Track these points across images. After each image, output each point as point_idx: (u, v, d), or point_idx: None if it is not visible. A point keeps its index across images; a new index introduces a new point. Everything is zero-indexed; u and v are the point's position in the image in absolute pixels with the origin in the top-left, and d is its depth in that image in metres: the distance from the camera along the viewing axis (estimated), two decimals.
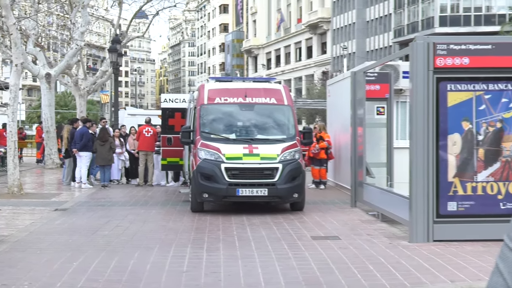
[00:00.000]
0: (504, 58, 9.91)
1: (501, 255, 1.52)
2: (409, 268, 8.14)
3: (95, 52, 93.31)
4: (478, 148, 9.92)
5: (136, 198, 16.40)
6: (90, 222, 12.28)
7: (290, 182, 13.18)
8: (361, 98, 14.53)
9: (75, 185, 18.76)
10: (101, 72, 31.72)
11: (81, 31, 26.76)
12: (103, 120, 21.55)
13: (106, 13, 44.26)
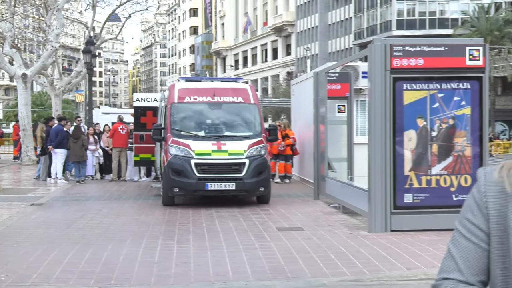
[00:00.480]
0: (456, 59, 9.99)
1: (453, 240, 1.53)
2: (368, 256, 8.19)
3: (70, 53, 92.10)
4: (432, 143, 10.01)
5: (110, 193, 16.26)
6: (65, 216, 12.14)
7: (256, 176, 13.19)
8: (323, 97, 14.60)
9: (51, 180, 18.54)
10: (75, 72, 31.38)
11: (56, 33, 26.43)
12: (78, 119, 21.31)
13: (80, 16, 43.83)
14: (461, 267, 1.49)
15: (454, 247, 1.52)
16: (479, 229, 1.48)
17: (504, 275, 1.43)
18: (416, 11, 54.99)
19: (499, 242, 1.44)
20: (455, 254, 1.51)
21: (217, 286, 6.78)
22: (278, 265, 7.77)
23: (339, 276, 7.19)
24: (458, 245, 1.51)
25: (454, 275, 1.50)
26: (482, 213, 1.48)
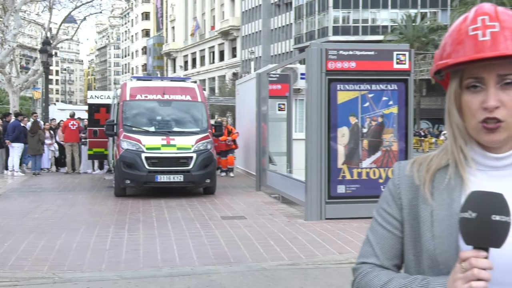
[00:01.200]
0: (385, 63, 10.15)
1: (371, 228, 1.55)
2: (305, 242, 8.26)
3: (27, 52, 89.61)
4: (363, 139, 10.14)
5: (65, 185, 15.93)
6: (21, 206, 11.83)
7: (203, 169, 13.15)
8: (265, 96, 14.67)
9: (8, 173, 18.15)
10: (33, 71, 30.56)
11: (14, 33, 25.67)
12: (34, 115, 20.83)
13: (37, 17, 42.70)
14: (378, 253, 1.50)
15: (372, 234, 1.54)
16: (394, 218, 1.50)
17: (416, 259, 1.45)
18: (351, 18, 55.80)
19: (411, 229, 1.46)
20: (372, 240, 1.52)
21: (164, 271, 6.72)
22: (221, 251, 7.76)
23: (278, 261, 7.23)
24: (375, 233, 1.53)
25: (371, 260, 1.51)
26: (396, 203, 1.50)
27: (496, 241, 1.23)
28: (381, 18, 55.42)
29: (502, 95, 1.33)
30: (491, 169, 1.41)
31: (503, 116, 1.33)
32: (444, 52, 1.40)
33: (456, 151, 1.43)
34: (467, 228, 1.25)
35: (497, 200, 1.23)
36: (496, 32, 1.32)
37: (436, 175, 1.45)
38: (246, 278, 6.44)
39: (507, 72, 1.33)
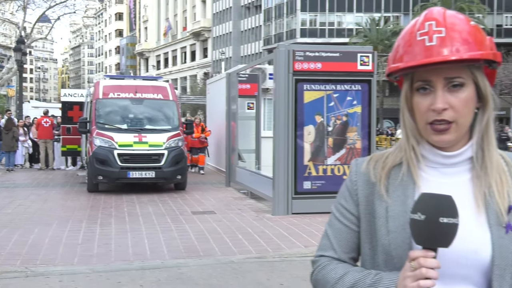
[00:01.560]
0: (349, 64, 10.22)
1: (329, 222, 1.56)
2: (272, 236, 8.28)
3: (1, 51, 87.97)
4: (328, 137, 10.21)
5: (38, 181, 15.67)
6: None
7: (174, 165, 13.09)
8: (235, 95, 14.65)
9: None
10: (7, 69, 30.08)
11: None
12: (8, 112, 20.49)
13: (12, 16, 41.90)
14: (335, 246, 1.52)
15: (330, 229, 1.55)
16: (351, 213, 1.51)
17: (371, 253, 1.47)
18: (318, 21, 56.06)
19: (367, 224, 1.47)
20: (330, 234, 1.54)
21: (135, 265, 6.67)
22: (191, 245, 7.73)
23: (246, 254, 7.23)
24: (333, 227, 1.54)
25: (329, 253, 1.52)
26: (353, 199, 1.51)
27: (444, 241, 1.25)
28: (347, 22, 55.81)
29: (450, 97, 1.35)
30: (443, 167, 1.42)
31: (451, 118, 1.34)
32: (397, 54, 1.41)
33: (409, 150, 1.44)
34: (416, 229, 1.26)
35: (445, 202, 1.25)
36: (443, 37, 1.33)
37: (391, 172, 1.46)
38: (215, 271, 6.43)
39: (454, 76, 1.34)
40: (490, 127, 1.41)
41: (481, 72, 1.38)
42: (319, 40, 52.90)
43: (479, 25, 1.40)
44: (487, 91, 1.40)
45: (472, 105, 1.38)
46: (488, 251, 1.34)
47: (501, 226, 1.36)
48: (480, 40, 1.36)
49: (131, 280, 6.02)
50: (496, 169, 1.40)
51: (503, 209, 1.37)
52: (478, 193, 1.38)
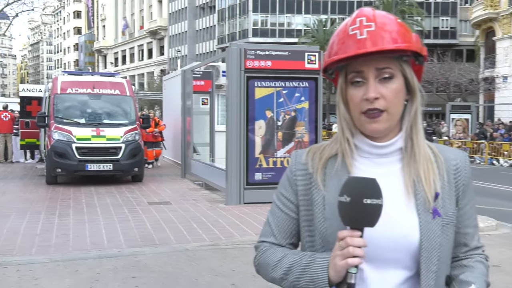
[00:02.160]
0: (297, 62, 10.29)
1: (271, 210, 1.58)
2: (225, 225, 8.28)
3: None
4: (278, 131, 10.27)
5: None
6: None
7: (131, 158, 12.92)
8: (190, 91, 14.57)
9: None
10: None
11: None
12: None
13: None
14: (275, 233, 1.54)
15: (271, 216, 1.56)
16: (290, 202, 1.53)
17: (310, 238, 1.49)
18: (268, 22, 56.19)
19: (305, 212, 1.49)
20: (271, 221, 1.55)
21: (93, 254, 6.55)
22: (148, 234, 7.66)
23: (200, 242, 7.21)
24: (274, 215, 1.56)
25: (270, 239, 1.54)
26: (292, 188, 1.52)
27: (369, 221, 1.27)
28: (296, 22, 56.16)
29: (381, 88, 1.37)
30: (375, 157, 1.45)
31: (383, 106, 1.37)
32: (332, 50, 1.43)
33: (343, 141, 1.46)
34: (343, 210, 1.29)
35: (369, 184, 1.27)
36: (372, 31, 1.36)
37: (328, 163, 1.48)
38: (170, 258, 6.39)
39: (384, 66, 1.37)
40: (418, 118, 1.44)
41: (409, 66, 1.42)
42: (270, 40, 53.02)
43: (408, 25, 1.44)
44: (415, 84, 1.43)
45: (401, 96, 1.41)
46: (417, 236, 1.38)
47: (428, 212, 1.40)
48: (407, 35, 1.39)
49: (88, 268, 5.92)
50: (423, 158, 1.44)
51: (430, 196, 1.41)
52: (407, 181, 1.42)
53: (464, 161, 1.50)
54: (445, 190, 1.44)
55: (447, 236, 1.43)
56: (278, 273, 1.46)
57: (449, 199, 1.44)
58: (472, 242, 1.51)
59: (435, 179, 1.43)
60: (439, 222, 1.40)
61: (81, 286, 5.33)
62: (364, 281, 1.39)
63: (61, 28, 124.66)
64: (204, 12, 66.88)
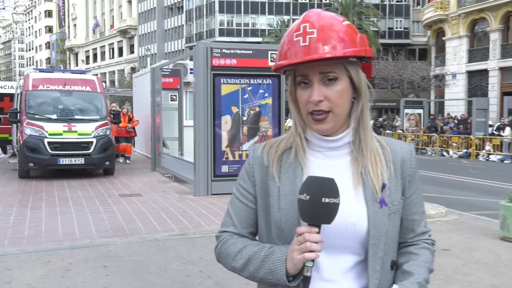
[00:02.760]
0: (261, 61, 10.29)
1: (231, 201, 1.58)
2: (193, 215, 8.24)
3: None
4: (243, 126, 10.27)
5: None
6: None
7: (102, 152, 12.72)
8: (159, 88, 14.44)
9: None
10: None
11: None
12: None
13: None
14: (235, 222, 1.54)
15: (231, 207, 1.57)
16: (249, 193, 1.53)
17: (267, 227, 1.49)
18: (234, 22, 55.98)
19: (262, 202, 1.50)
20: (231, 212, 1.56)
21: (65, 245, 6.43)
22: (119, 225, 7.56)
23: (169, 232, 7.16)
24: (233, 205, 1.56)
25: (230, 229, 1.55)
26: (250, 180, 1.53)
27: (326, 219, 1.29)
28: (260, 23, 56.10)
29: (325, 90, 1.38)
30: (327, 150, 1.46)
31: (327, 108, 1.38)
32: (281, 54, 1.43)
33: (297, 136, 1.47)
34: (302, 208, 1.30)
35: (328, 184, 1.28)
36: (313, 38, 1.35)
37: (283, 156, 1.49)
38: (140, 248, 6.32)
39: (327, 71, 1.37)
40: (364, 114, 1.45)
41: (354, 67, 1.41)
42: (235, 39, 52.84)
43: (353, 25, 1.43)
44: (361, 83, 1.43)
45: (347, 96, 1.41)
46: (365, 224, 1.40)
47: (376, 202, 1.41)
48: (350, 39, 1.37)
49: (60, 259, 5.81)
50: (371, 151, 1.45)
51: (377, 186, 1.42)
52: (356, 173, 1.43)
53: (410, 153, 1.51)
54: (392, 181, 1.45)
55: (394, 224, 1.45)
56: (238, 263, 1.47)
57: (395, 189, 1.46)
58: (419, 228, 1.52)
59: (382, 171, 1.44)
60: (385, 211, 1.42)
61: (53, 276, 5.22)
62: (317, 266, 1.41)
63: (33, 27, 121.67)
64: (172, 12, 66.20)
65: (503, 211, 6.94)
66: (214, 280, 5.12)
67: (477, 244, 6.69)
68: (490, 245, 6.64)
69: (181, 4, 62.92)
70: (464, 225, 7.86)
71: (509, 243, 6.73)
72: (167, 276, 5.26)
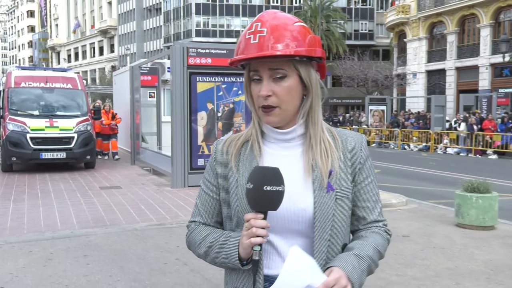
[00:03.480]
0: None
1: (198, 193, 1.60)
2: (171, 206, 8.19)
3: None
4: (218, 121, 10.23)
5: None
6: None
7: (84, 147, 12.53)
8: (138, 85, 14.27)
9: None
10: None
11: None
12: None
13: None
14: (202, 213, 1.55)
15: (198, 199, 1.58)
16: (213, 185, 1.54)
17: (228, 216, 1.51)
18: (210, 23, 55.64)
19: (224, 193, 1.51)
20: (198, 203, 1.57)
21: (47, 235, 6.31)
22: (99, 216, 7.46)
23: (148, 222, 7.09)
24: (200, 197, 1.57)
25: (197, 219, 1.56)
26: (214, 173, 1.54)
27: (270, 205, 1.30)
28: (234, 24, 55.89)
29: (274, 86, 1.39)
30: (281, 142, 1.48)
31: (275, 103, 1.40)
32: (238, 50, 1.43)
33: (254, 129, 1.49)
34: (248, 196, 1.31)
35: (270, 173, 1.29)
36: (263, 36, 1.36)
37: (242, 149, 1.51)
38: (120, 237, 6.25)
39: (277, 67, 1.38)
40: (314, 110, 1.46)
41: (304, 66, 1.42)
42: (211, 40, 52.56)
43: (305, 25, 1.43)
44: (311, 81, 1.43)
45: (295, 92, 1.42)
46: (312, 209, 1.41)
47: (323, 188, 1.43)
48: (299, 39, 1.38)
49: (42, 249, 5.70)
50: (321, 143, 1.46)
51: (324, 174, 1.43)
52: (306, 163, 1.45)
53: (360, 142, 1.52)
54: (341, 168, 1.47)
55: (342, 208, 1.45)
56: (202, 250, 1.50)
57: (345, 176, 1.47)
58: (371, 215, 1.51)
59: (332, 160, 1.45)
60: (332, 196, 1.43)
61: (35, 265, 5.13)
62: (275, 248, 1.43)
63: (15, 26, 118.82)
64: (151, 13, 65.42)
65: (458, 200, 7.08)
66: (190, 267, 5.10)
67: (434, 231, 6.81)
68: (446, 231, 6.77)
69: (159, 6, 62.23)
70: (423, 213, 8.00)
71: (463, 229, 6.88)
72: (145, 264, 5.22)
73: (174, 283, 4.66)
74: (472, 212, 6.89)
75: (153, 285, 4.60)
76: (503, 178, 12.79)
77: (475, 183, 7.02)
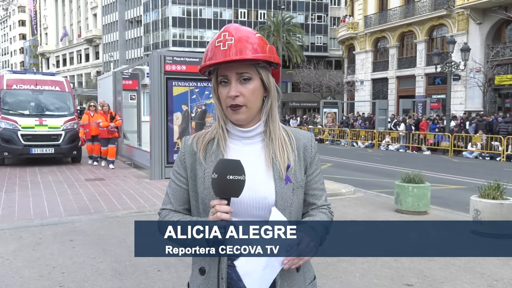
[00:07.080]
0: None
1: (169, 184, 1.59)
2: (149, 196, 8.08)
3: None
4: (192, 121, 10.15)
5: None
6: None
7: (70, 143, 12.22)
8: (120, 89, 14.01)
9: None
10: None
11: None
12: None
13: None
14: (172, 201, 1.54)
15: (169, 189, 1.57)
16: (182, 176, 1.53)
17: (196, 204, 1.51)
18: (185, 35, 55.07)
19: (192, 184, 1.51)
20: (169, 193, 1.56)
21: (36, 222, 6.13)
22: (84, 205, 7.29)
23: (128, 210, 6.98)
24: (170, 187, 1.56)
25: (168, 206, 1.55)
26: (183, 166, 1.53)
27: (233, 193, 1.31)
28: (207, 36, 55.46)
29: (241, 87, 1.41)
30: (243, 139, 1.49)
31: (242, 102, 1.42)
32: (207, 57, 1.45)
33: (219, 127, 1.50)
34: (213, 184, 1.32)
35: (232, 164, 1.30)
36: (231, 44, 1.39)
37: (208, 145, 1.51)
38: (103, 224, 6.13)
39: (243, 71, 1.41)
40: (273, 110, 1.49)
41: (264, 71, 1.45)
42: (186, 49, 52.04)
43: (264, 37, 1.47)
44: (270, 84, 1.46)
45: (258, 93, 1.44)
46: (273, 197, 1.43)
47: (282, 180, 1.45)
48: (261, 47, 1.42)
49: (31, 234, 5.54)
50: (279, 139, 1.48)
51: (283, 167, 1.46)
52: (267, 157, 1.47)
53: (310, 140, 1.55)
54: (296, 163, 1.49)
55: (298, 197, 1.48)
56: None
57: (299, 169, 1.49)
58: (319, 201, 1.55)
59: (288, 155, 1.48)
60: (290, 187, 1.45)
61: (24, 249, 4.97)
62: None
63: (8, 34, 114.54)
64: (132, 25, 64.26)
65: (397, 189, 7.24)
66: None
67: (377, 215, 6.95)
68: (387, 216, 6.91)
69: (140, 18, 61.20)
70: (367, 201, 8.14)
71: (401, 214, 7.04)
72: (126, 247, 5.14)
73: (151, 263, 4.60)
74: (408, 199, 7.06)
75: (133, 265, 4.54)
76: (435, 170, 13.15)
77: (411, 175, 7.20)
